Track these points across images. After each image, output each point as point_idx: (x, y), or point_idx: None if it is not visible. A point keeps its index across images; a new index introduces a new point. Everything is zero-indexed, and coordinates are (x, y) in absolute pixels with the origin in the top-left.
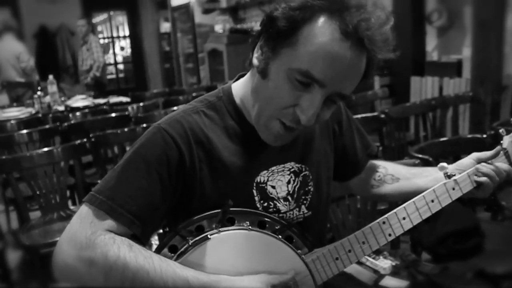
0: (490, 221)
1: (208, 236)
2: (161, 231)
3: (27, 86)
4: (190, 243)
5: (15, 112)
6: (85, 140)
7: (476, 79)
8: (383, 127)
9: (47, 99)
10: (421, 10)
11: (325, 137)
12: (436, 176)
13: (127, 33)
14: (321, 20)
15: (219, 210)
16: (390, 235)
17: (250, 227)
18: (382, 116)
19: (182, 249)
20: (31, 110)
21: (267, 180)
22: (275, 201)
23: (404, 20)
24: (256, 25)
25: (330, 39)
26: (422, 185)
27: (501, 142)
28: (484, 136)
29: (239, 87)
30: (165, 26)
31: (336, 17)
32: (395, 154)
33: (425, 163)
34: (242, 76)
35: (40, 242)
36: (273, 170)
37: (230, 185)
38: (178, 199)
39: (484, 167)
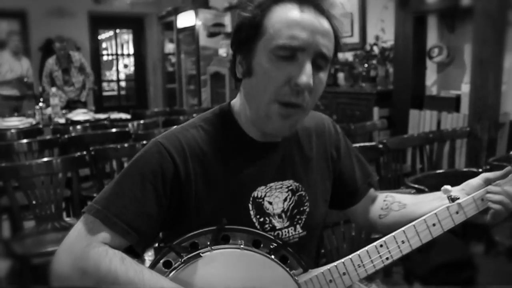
0: (484, 255)
1: (200, 254)
2: (156, 245)
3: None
4: (182, 260)
5: (16, 122)
6: (84, 152)
7: (474, 115)
8: (380, 158)
9: (49, 111)
10: (422, 46)
11: (323, 160)
12: (442, 198)
13: (131, 51)
14: (277, 5)
15: (214, 228)
16: (387, 258)
17: (243, 246)
18: (380, 146)
19: (175, 265)
20: (32, 121)
21: (265, 196)
22: (270, 217)
23: (405, 55)
24: None
25: (290, 10)
26: (428, 209)
27: None
28: (480, 170)
29: (236, 103)
30: (170, 47)
31: None
32: (391, 184)
33: (420, 193)
34: None
35: (33, 251)
36: (271, 186)
37: (226, 198)
38: (174, 212)
39: (495, 194)
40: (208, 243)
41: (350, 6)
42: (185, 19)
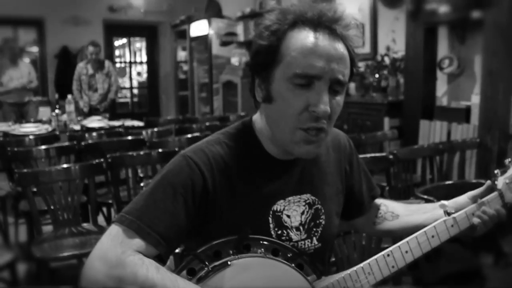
0: (493, 266)
1: (228, 262)
2: (177, 250)
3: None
4: (210, 268)
5: (32, 128)
6: (102, 160)
7: (484, 126)
8: (391, 168)
9: (64, 117)
10: (432, 57)
11: (338, 175)
12: (433, 213)
13: (144, 59)
14: (292, 31)
15: (236, 237)
16: (393, 267)
17: (266, 254)
18: (390, 157)
19: (203, 274)
20: (48, 127)
21: (283, 209)
22: (288, 230)
23: (416, 66)
24: None
25: (305, 37)
26: (420, 222)
27: (496, 182)
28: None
29: (257, 120)
30: (182, 55)
31: (301, 23)
32: (401, 194)
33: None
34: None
35: (51, 255)
36: (289, 200)
37: (247, 212)
38: (199, 222)
39: (483, 213)
40: (231, 251)
41: (361, 16)
42: (198, 28)
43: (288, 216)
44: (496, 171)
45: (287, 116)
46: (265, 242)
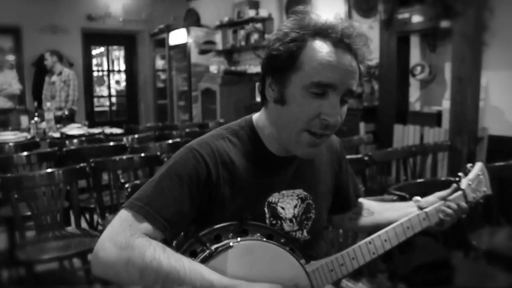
0: (463, 259)
1: (231, 244)
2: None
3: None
4: (213, 249)
5: (11, 136)
6: (85, 164)
7: (454, 130)
8: (366, 169)
9: (43, 125)
10: (405, 64)
11: (329, 174)
12: (405, 210)
13: (122, 67)
14: (314, 42)
15: (235, 222)
16: (373, 253)
17: (264, 239)
18: (366, 158)
19: (206, 254)
20: (26, 135)
21: (278, 201)
22: (282, 221)
23: (389, 73)
24: (249, 68)
25: (326, 51)
26: (394, 218)
27: (459, 183)
28: (457, 179)
29: (258, 119)
30: (161, 63)
31: (323, 36)
32: (377, 195)
33: (402, 199)
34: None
35: (35, 257)
36: (283, 194)
37: (246, 201)
38: (201, 210)
39: (448, 209)
40: (230, 235)
41: None
42: (177, 37)
43: (283, 208)
44: (460, 174)
45: (298, 120)
46: (261, 228)
